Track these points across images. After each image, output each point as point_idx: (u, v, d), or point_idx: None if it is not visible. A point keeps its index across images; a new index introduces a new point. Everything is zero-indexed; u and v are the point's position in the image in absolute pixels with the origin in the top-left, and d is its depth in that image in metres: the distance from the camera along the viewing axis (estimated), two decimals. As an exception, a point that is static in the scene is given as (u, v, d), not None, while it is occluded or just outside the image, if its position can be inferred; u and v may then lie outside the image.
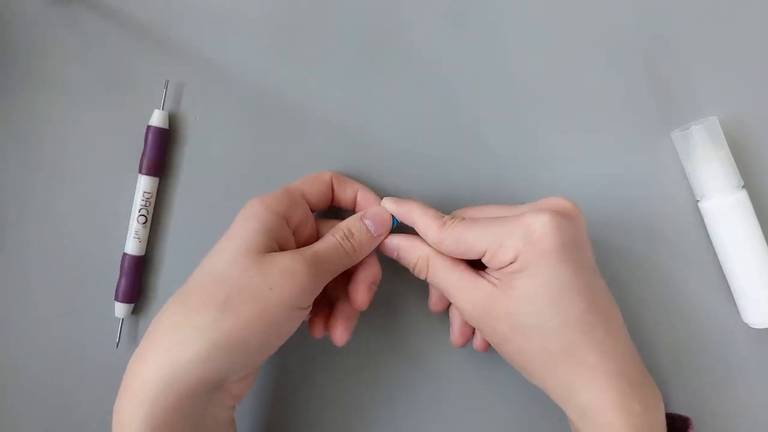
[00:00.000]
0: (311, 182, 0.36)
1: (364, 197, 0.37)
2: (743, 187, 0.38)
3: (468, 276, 0.33)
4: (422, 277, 0.35)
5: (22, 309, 0.40)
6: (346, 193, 0.37)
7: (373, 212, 0.35)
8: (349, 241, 0.34)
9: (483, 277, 0.33)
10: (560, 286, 0.31)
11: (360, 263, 0.36)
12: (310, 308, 0.33)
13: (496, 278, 0.33)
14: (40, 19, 0.40)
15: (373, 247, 0.35)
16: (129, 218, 0.39)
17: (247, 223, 0.32)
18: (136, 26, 0.40)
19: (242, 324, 0.30)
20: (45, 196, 0.40)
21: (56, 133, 0.40)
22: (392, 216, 0.36)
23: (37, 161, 0.40)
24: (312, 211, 0.36)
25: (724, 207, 0.37)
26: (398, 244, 0.35)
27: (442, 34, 0.41)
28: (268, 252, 0.32)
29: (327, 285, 0.34)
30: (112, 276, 0.39)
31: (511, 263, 0.32)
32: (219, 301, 0.30)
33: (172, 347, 0.30)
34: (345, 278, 0.36)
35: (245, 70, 0.40)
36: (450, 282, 0.34)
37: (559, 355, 0.31)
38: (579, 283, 0.31)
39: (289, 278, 0.31)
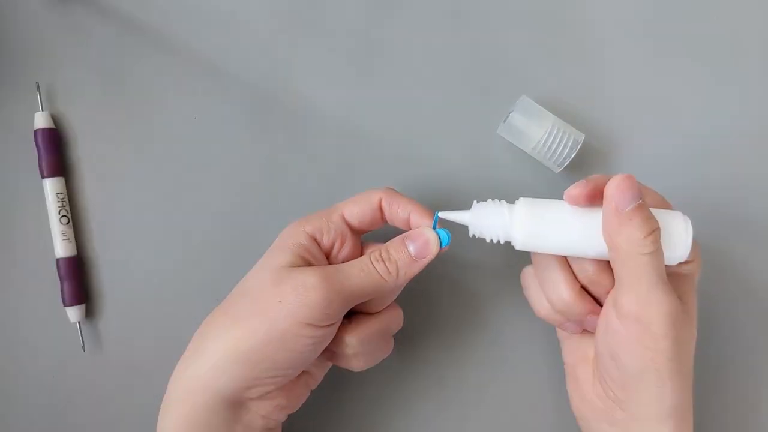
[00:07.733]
0: (355, 202, 0.34)
1: (416, 219, 0.34)
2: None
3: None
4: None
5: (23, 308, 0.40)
6: (397, 213, 0.34)
7: (415, 233, 0.33)
8: (383, 262, 0.32)
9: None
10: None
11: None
12: (331, 327, 0.32)
13: None
14: (41, 19, 0.41)
15: (416, 271, 0.33)
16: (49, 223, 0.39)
17: (277, 242, 0.34)
18: (136, 26, 0.41)
19: (248, 335, 0.30)
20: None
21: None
22: (444, 236, 0.33)
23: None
24: (359, 232, 0.35)
25: None
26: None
27: (443, 32, 0.41)
28: (291, 267, 0.32)
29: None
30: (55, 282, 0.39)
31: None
32: (234, 313, 0.32)
33: (194, 358, 0.31)
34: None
35: (245, 71, 0.41)
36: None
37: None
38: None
39: (299, 292, 0.30)
